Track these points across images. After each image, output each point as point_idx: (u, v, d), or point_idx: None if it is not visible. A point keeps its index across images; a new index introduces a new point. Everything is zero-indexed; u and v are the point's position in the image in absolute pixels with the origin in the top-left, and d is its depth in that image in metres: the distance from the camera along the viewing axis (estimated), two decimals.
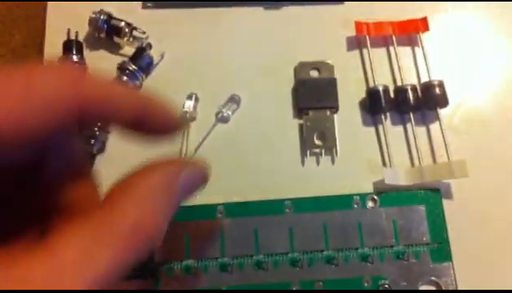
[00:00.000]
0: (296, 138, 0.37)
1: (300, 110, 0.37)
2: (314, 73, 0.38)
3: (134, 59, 0.37)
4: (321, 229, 0.33)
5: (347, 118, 0.37)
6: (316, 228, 0.33)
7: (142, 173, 0.22)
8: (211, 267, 0.33)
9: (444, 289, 0.32)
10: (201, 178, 0.26)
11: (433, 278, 0.32)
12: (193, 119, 0.37)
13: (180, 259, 0.33)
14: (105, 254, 0.19)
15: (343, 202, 0.34)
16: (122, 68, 0.37)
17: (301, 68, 0.38)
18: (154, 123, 0.24)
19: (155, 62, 0.39)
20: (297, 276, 0.33)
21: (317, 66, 0.38)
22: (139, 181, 0.22)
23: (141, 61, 0.37)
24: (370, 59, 0.38)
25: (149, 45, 0.39)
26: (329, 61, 0.38)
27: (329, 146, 0.36)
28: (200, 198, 0.33)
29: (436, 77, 0.37)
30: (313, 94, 0.36)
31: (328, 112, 0.36)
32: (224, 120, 0.37)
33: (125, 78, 0.37)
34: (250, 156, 0.37)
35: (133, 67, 0.37)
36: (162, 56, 0.39)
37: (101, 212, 0.21)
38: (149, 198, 0.21)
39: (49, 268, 0.18)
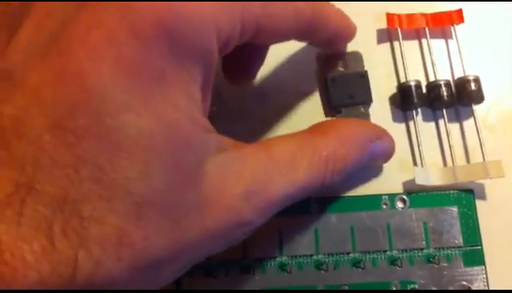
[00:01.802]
0: None
1: (333, 108, 0.36)
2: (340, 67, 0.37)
3: None
4: (347, 230, 0.33)
5: (376, 114, 0.37)
6: (342, 229, 0.33)
7: (343, 120, 0.30)
8: (232, 270, 0.33)
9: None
10: (388, 153, 0.31)
11: (465, 283, 0.32)
12: None
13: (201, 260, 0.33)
14: (303, 167, 0.23)
15: (371, 202, 0.34)
16: None
17: (324, 62, 0.37)
18: (325, 33, 0.29)
19: None
20: (322, 279, 0.32)
21: (343, 58, 0.37)
22: (341, 123, 0.27)
23: None
24: (401, 53, 0.37)
25: None
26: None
27: None
28: None
29: (471, 72, 0.36)
30: (345, 91, 0.36)
31: (362, 108, 0.36)
32: None
33: None
34: None
35: None
36: None
37: (307, 133, 0.26)
38: (349, 139, 0.26)
39: (266, 163, 0.23)
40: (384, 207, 0.34)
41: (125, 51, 0.18)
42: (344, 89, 0.36)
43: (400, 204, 0.34)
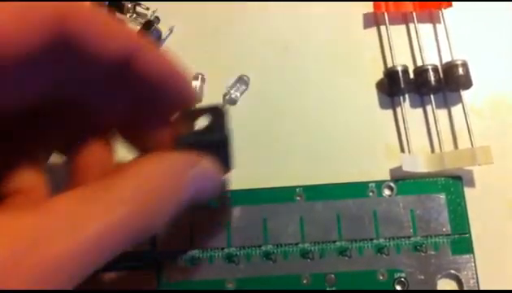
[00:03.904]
0: (308, 121, 0.37)
1: None
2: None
3: (142, 32, 0.38)
4: (334, 218, 0.33)
5: (362, 100, 0.37)
6: (328, 217, 0.34)
7: (148, 158, 0.23)
8: (217, 258, 0.33)
9: (464, 282, 0.32)
10: (212, 182, 0.26)
11: (453, 271, 0.32)
12: (199, 100, 0.37)
13: (184, 249, 0.33)
14: (95, 217, 0.19)
15: (357, 189, 0.34)
16: None
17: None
18: (145, 74, 0.24)
19: (163, 36, 0.39)
20: (308, 268, 0.33)
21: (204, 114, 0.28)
22: (146, 158, 0.22)
23: (149, 35, 0.38)
24: (388, 38, 0.38)
25: (158, 19, 0.39)
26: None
27: None
28: None
29: (459, 57, 0.36)
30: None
31: None
32: (232, 101, 0.37)
33: None
34: (259, 140, 0.37)
35: None
36: (170, 31, 0.39)
37: (101, 179, 0.21)
38: (156, 173, 0.22)
39: (38, 224, 0.18)
40: (371, 194, 0.34)
41: None
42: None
43: (387, 192, 0.34)
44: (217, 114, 0.27)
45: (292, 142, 0.36)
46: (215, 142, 0.27)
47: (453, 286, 0.32)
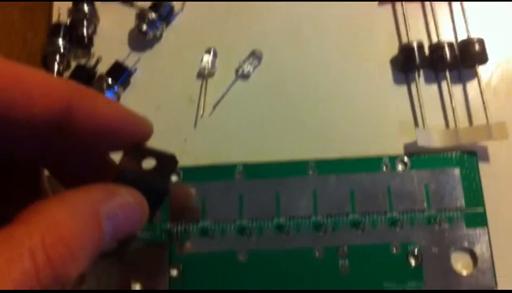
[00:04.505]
0: (322, 96, 0.37)
1: None
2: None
3: (154, 7, 0.38)
4: (347, 192, 0.33)
5: (377, 76, 0.37)
6: (341, 191, 0.34)
7: (56, 199, 0.20)
8: (229, 230, 0.33)
9: (478, 255, 0.32)
10: (133, 214, 0.23)
11: (467, 245, 0.32)
12: (212, 75, 0.38)
13: (196, 221, 0.33)
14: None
15: (371, 164, 0.34)
16: (141, 17, 0.37)
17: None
18: (85, 124, 0.22)
19: (176, 11, 0.39)
20: (321, 241, 0.33)
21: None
22: (51, 201, 0.20)
23: (162, 9, 0.38)
24: (404, 14, 0.38)
25: None
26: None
27: None
28: (218, 158, 0.34)
29: (475, 34, 0.36)
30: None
31: None
32: (244, 76, 0.38)
33: (145, 27, 0.37)
34: (272, 115, 0.37)
35: (153, 15, 0.37)
36: (182, 6, 0.39)
37: (5, 228, 0.19)
38: (60, 224, 0.19)
39: None
40: (385, 169, 0.34)
41: None
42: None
43: (400, 166, 0.34)
44: (168, 162, 0.25)
45: (306, 117, 0.36)
46: (155, 189, 0.24)
47: (467, 259, 0.32)
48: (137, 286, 0.32)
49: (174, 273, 0.32)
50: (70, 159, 0.24)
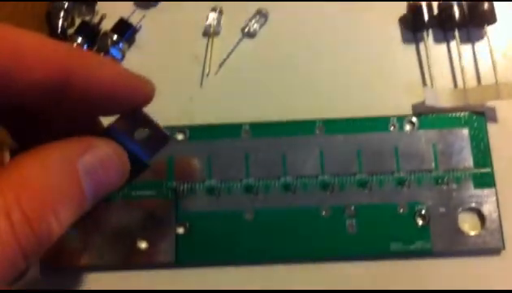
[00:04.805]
0: (329, 55, 0.36)
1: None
2: None
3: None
4: (354, 152, 0.33)
5: (385, 35, 0.37)
6: (349, 151, 0.33)
7: (32, 153, 0.19)
8: (235, 188, 0.33)
9: (485, 216, 0.32)
10: (114, 166, 0.22)
11: (474, 205, 0.32)
12: (217, 34, 0.37)
13: (202, 179, 0.33)
14: None
15: (378, 124, 0.34)
16: None
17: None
18: (87, 89, 0.21)
19: None
20: (327, 200, 0.33)
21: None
22: (26, 160, 0.19)
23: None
24: None
25: None
26: None
27: None
28: (224, 118, 0.34)
29: None
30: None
31: None
32: (251, 35, 0.37)
33: None
34: (278, 73, 0.36)
35: None
36: None
37: None
38: (35, 179, 0.18)
39: None
40: (392, 128, 0.34)
41: None
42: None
43: (408, 126, 0.34)
44: (160, 139, 0.24)
45: (312, 76, 0.36)
46: (137, 159, 0.23)
47: (474, 219, 0.32)
48: (143, 245, 0.32)
49: (180, 231, 0.32)
50: (59, 119, 0.23)
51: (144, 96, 0.23)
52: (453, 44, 0.36)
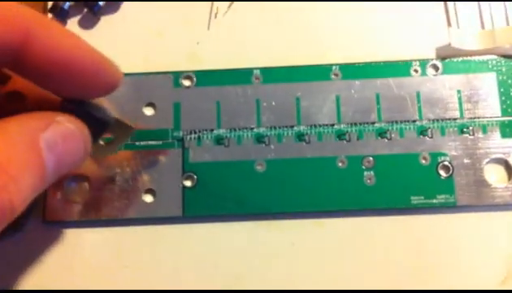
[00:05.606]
0: None
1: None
2: None
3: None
4: (373, 98, 0.32)
5: None
6: (367, 98, 0.32)
7: None
8: (246, 138, 0.31)
9: None
10: (76, 141, 0.22)
11: (501, 156, 0.31)
12: None
13: (211, 128, 0.31)
14: None
15: (399, 68, 0.32)
16: None
17: None
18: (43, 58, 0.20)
19: None
20: (344, 150, 0.31)
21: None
22: None
23: None
24: None
25: None
26: None
27: None
28: (233, 62, 0.32)
29: None
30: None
31: None
32: None
33: None
34: (292, 15, 0.34)
35: None
36: None
37: None
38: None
39: None
40: (414, 73, 0.32)
41: None
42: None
43: (432, 71, 0.32)
44: (122, 129, 0.26)
45: (329, 19, 0.34)
46: (95, 117, 0.24)
47: (501, 171, 0.31)
48: (148, 198, 0.31)
49: (188, 183, 0.31)
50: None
51: (107, 79, 0.23)
52: None
